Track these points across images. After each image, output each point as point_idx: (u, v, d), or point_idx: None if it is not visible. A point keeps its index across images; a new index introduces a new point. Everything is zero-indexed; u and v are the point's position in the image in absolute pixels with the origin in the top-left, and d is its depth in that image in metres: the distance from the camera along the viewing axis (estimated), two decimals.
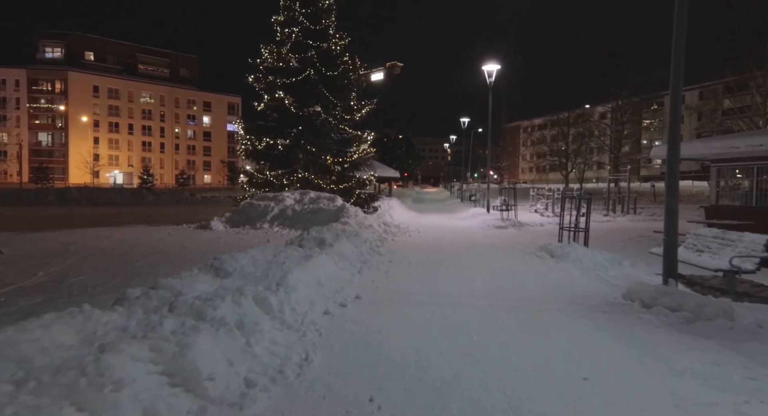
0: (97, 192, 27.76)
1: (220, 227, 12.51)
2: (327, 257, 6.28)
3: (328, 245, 7.24)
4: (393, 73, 49.31)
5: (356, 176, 16.62)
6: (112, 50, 78.82)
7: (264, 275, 4.68)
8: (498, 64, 19.51)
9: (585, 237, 8.52)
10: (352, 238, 8.58)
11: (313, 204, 13.64)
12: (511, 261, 8.19)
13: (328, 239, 7.64)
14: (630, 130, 44.20)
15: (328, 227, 9.10)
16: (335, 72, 16.41)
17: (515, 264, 7.88)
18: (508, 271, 7.26)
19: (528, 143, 78.39)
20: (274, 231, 12.28)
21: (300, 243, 7.53)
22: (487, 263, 7.93)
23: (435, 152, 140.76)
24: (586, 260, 7.67)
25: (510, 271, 7.25)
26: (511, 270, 7.32)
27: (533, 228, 14.93)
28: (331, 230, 8.88)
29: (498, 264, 7.86)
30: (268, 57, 16.27)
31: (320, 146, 16.04)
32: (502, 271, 7.25)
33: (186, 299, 3.38)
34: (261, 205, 13.63)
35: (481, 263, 8.00)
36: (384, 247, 9.61)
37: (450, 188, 54.56)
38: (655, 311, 4.72)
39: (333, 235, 8.20)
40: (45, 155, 73.26)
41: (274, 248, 6.13)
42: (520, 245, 10.41)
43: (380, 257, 8.36)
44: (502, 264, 7.87)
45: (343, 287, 5.60)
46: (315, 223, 12.68)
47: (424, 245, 10.27)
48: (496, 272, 7.18)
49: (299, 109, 15.81)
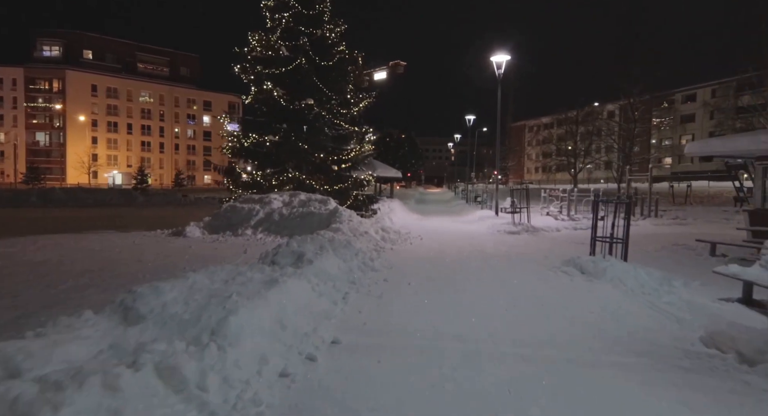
0: (84, 193, 26.43)
1: (197, 233, 11.08)
2: (300, 281, 4.82)
3: (306, 263, 5.78)
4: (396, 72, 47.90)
5: (353, 176, 15.16)
6: (111, 49, 77.75)
7: (195, 318, 3.22)
8: (507, 55, 18.00)
9: (624, 250, 7.03)
10: (341, 250, 7.12)
11: (303, 207, 12.20)
12: (533, 280, 6.71)
13: (309, 253, 6.18)
14: (641, 128, 42.52)
15: (313, 237, 7.64)
16: (330, 62, 14.96)
17: (539, 285, 6.39)
18: (532, 295, 5.77)
19: (534, 143, 76.73)
20: (256, 239, 10.84)
21: (273, 259, 6.07)
22: (503, 283, 6.45)
23: (439, 152, 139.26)
24: (629, 279, 6.17)
25: (534, 295, 5.76)
26: (536, 294, 5.83)
27: (549, 234, 13.42)
28: (316, 240, 7.42)
29: (518, 285, 6.37)
30: (256, 45, 14.84)
31: (313, 143, 14.59)
32: (524, 295, 5.76)
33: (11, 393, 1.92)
34: (244, 208, 12.19)
35: (496, 282, 6.51)
36: (380, 259, 8.14)
37: (454, 189, 53.02)
38: (765, 371, 3.23)
39: (316, 247, 6.74)
40: (43, 155, 72.26)
41: (230, 270, 4.67)
42: (539, 257, 8.92)
43: (374, 274, 6.89)
44: (522, 284, 6.38)
45: (318, 326, 4.14)
46: (304, 229, 11.25)
47: (427, 257, 8.79)
48: (518, 296, 5.70)
49: (290, 102, 14.37)
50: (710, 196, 30.03)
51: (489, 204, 23.58)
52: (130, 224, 13.99)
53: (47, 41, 72.85)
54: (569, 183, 48.17)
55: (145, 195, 29.00)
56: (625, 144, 40.29)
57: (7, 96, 70.55)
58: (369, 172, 15.62)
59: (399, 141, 71.18)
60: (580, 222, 15.70)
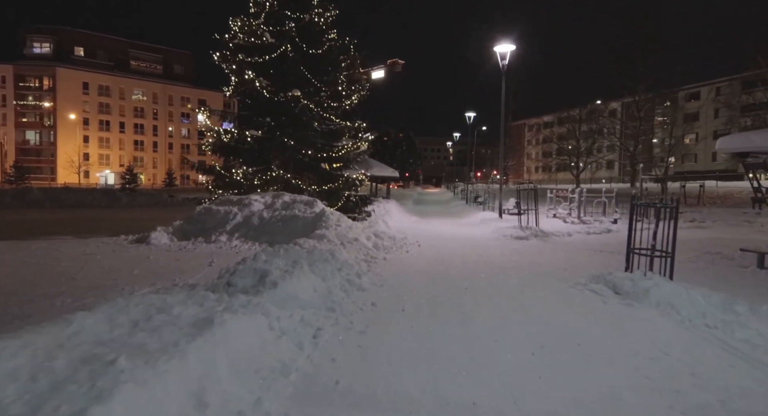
0: (64, 194, 25.02)
1: (163, 240, 9.73)
2: (251, 317, 3.50)
3: (269, 286, 4.45)
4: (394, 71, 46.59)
5: (345, 176, 13.82)
6: (103, 45, 76.17)
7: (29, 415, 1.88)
8: (512, 45, 16.70)
9: (670, 267, 5.71)
10: (320, 265, 5.79)
11: (287, 210, 10.86)
12: (558, 303, 5.38)
13: (275, 271, 4.85)
14: (646, 126, 41.32)
15: (288, 248, 6.31)
16: (319, 50, 13.62)
17: (568, 311, 5.06)
18: (562, 328, 4.45)
19: (534, 142, 75.53)
20: (231, 246, 9.49)
21: (229, 280, 4.74)
22: (522, 309, 5.12)
23: (437, 152, 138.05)
24: (682, 305, 4.86)
25: (566, 328, 4.44)
26: (567, 326, 4.51)
27: (561, 239, 12.12)
28: (291, 252, 6.09)
29: (541, 311, 5.04)
30: (238, 32, 13.48)
31: (300, 139, 13.25)
32: (552, 328, 4.44)
33: None
34: (220, 211, 10.85)
35: (513, 308, 5.19)
36: (370, 273, 6.82)
37: (453, 189, 51.72)
38: None
39: (288, 262, 5.42)
40: (33, 154, 70.64)
41: (149, 304, 3.33)
42: (557, 269, 7.60)
43: (361, 294, 5.57)
44: (546, 311, 5.06)
45: (266, 393, 2.80)
46: (286, 235, 9.93)
47: (426, 269, 7.47)
48: (544, 330, 4.37)
49: (274, 94, 13.01)
50: (721, 196, 28.78)
51: (491, 205, 22.29)
52: (98, 228, 12.63)
53: (37, 38, 71.22)
54: (571, 183, 46.94)
55: (130, 196, 27.60)
56: (630, 143, 39.10)
57: None
58: (362, 171, 14.27)
59: (396, 140, 69.80)
60: (592, 226, 14.39)
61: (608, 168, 61.06)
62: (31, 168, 70.14)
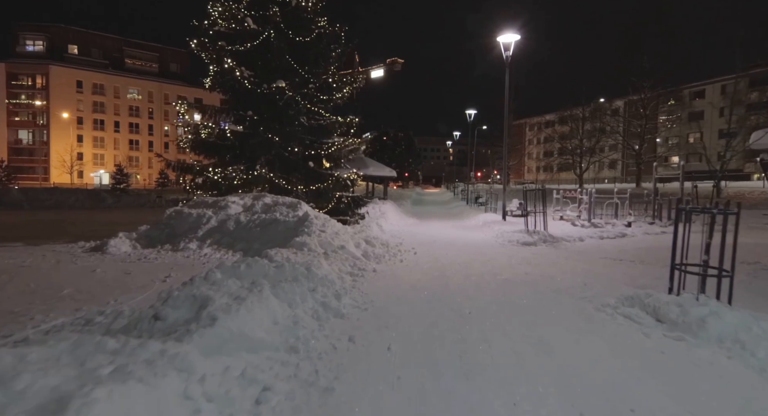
0: (44, 194, 23.86)
1: (124, 247, 8.55)
2: (154, 384, 2.32)
3: (204, 322, 3.28)
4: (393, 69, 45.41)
5: (335, 175, 12.64)
6: (98, 43, 74.88)
7: None
8: (516, 35, 15.54)
9: (729, 289, 4.55)
10: (288, 286, 4.62)
11: (267, 213, 9.69)
12: (588, 337, 4.21)
13: (220, 299, 3.68)
14: (651, 125, 40.16)
15: (251, 263, 5.14)
16: (307, 38, 12.45)
17: (603, 351, 3.89)
18: (600, 381, 3.28)
19: (535, 141, 74.35)
20: (201, 255, 8.32)
21: (157, 312, 3.57)
22: (543, 348, 3.95)
23: (437, 152, 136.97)
24: (756, 342, 3.69)
25: (607, 383, 3.26)
26: (608, 378, 3.33)
27: (573, 245, 10.95)
28: (253, 268, 4.94)
29: (568, 350, 3.87)
30: (218, 18, 12.31)
31: (285, 135, 12.08)
32: (587, 383, 3.26)
33: None
34: (193, 215, 9.67)
35: (530, 345, 4.01)
36: (354, 292, 5.66)
37: (453, 189, 50.54)
38: None
39: (245, 284, 4.26)
40: (26, 154, 69.42)
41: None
42: (576, 284, 6.43)
43: (337, 323, 4.41)
44: (575, 349, 3.88)
45: None
46: (264, 241, 8.77)
47: (421, 285, 6.30)
48: (576, 386, 3.19)
49: (257, 85, 11.84)
50: (732, 197, 27.63)
51: (493, 206, 21.13)
52: (61, 233, 11.48)
53: (30, 35, 69.93)
54: (574, 183, 45.76)
55: (116, 197, 26.44)
56: (635, 141, 37.92)
57: None
58: (354, 170, 13.09)
59: (395, 139, 68.67)
60: (604, 229, 13.22)
61: (611, 168, 59.86)
62: (23, 168, 69.28)
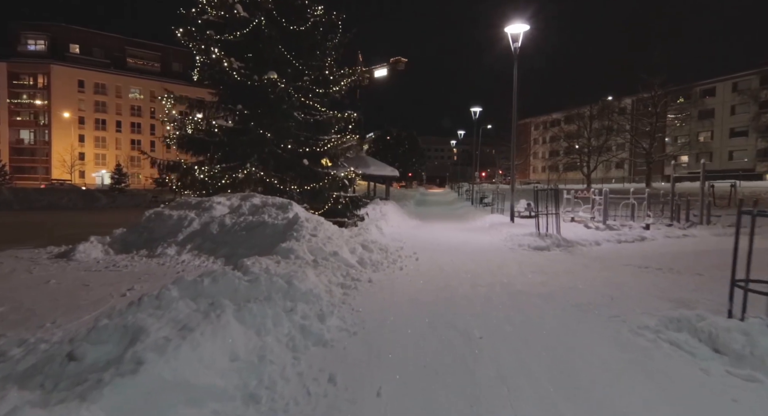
0: (36, 194, 23.18)
1: (95, 253, 7.73)
2: None
3: (127, 367, 2.43)
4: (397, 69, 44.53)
5: (331, 174, 11.79)
6: (99, 43, 74.40)
7: None
8: (525, 25, 14.64)
9: None
10: (257, 306, 3.77)
11: (255, 215, 8.86)
12: (632, 375, 3.33)
13: (162, 329, 2.84)
14: (661, 123, 39.06)
15: (217, 277, 4.30)
16: (301, 27, 11.62)
17: (655, 397, 3.01)
18: None
19: (540, 141, 73.24)
20: (178, 262, 7.49)
21: (72, 351, 2.73)
22: (579, 394, 3.07)
23: (441, 152, 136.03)
24: None
25: None
26: None
27: (589, 250, 10.05)
28: (220, 283, 4.10)
29: (611, 398, 3.00)
30: (206, 5, 11.50)
31: (278, 130, 11.25)
32: None
33: None
34: (173, 217, 8.86)
35: (561, 387, 3.14)
36: (343, 309, 4.81)
37: (457, 189, 49.58)
38: None
39: (201, 307, 3.42)
40: (27, 154, 69.10)
41: None
42: (602, 297, 5.55)
43: (317, 354, 3.56)
44: (621, 396, 3.01)
45: None
46: (250, 246, 7.94)
47: (422, 300, 5.44)
48: None
49: (247, 77, 11.01)
50: (748, 197, 26.56)
51: (500, 207, 20.23)
52: (33, 236, 10.71)
53: (32, 35, 69.57)
54: (581, 182, 44.70)
55: (110, 197, 25.73)
56: (645, 140, 36.84)
57: None
58: (351, 168, 12.22)
59: (399, 138, 67.79)
60: (621, 232, 12.29)
61: (618, 167, 58.69)
62: (25, 168, 68.94)
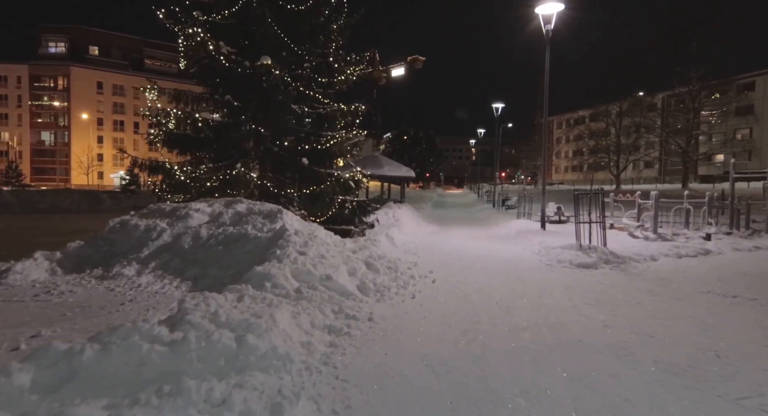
0: (38, 196, 22.33)
1: (36, 274, 6.30)
2: None
3: None
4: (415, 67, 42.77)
5: (335, 175, 10.20)
6: (118, 44, 74.80)
7: None
8: (560, 4, 12.80)
9: None
10: (187, 385, 2.17)
11: (236, 226, 7.32)
12: None
13: None
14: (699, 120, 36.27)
15: (76, 355, 2.72)
16: (301, 6, 10.07)
17: None
18: None
19: (564, 140, 70.35)
20: (134, 286, 5.99)
21: None
22: None
23: (459, 152, 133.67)
24: None
25: None
26: None
27: (645, 268, 8.20)
28: (104, 362, 2.51)
29: None
30: None
31: (272, 125, 9.72)
32: None
33: None
34: (140, 227, 7.39)
35: None
36: (320, 384, 3.19)
37: (477, 190, 47.53)
38: None
39: None
40: (48, 155, 69.84)
41: None
42: (700, 352, 3.78)
43: None
44: None
45: None
46: (226, 265, 6.41)
47: (439, 354, 3.76)
48: None
49: (238, 63, 9.51)
50: None
51: (526, 211, 18.33)
52: (8, 246, 9.44)
53: (52, 37, 70.29)
54: (610, 183, 42.12)
55: (116, 198, 24.79)
56: (682, 138, 34.20)
57: (11, 94, 68.30)
58: (358, 168, 10.61)
59: (416, 138, 65.99)
60: (677, 243, 10.33)
61: (647, 167, 55.62)
62: (45, 169, 69.66)
